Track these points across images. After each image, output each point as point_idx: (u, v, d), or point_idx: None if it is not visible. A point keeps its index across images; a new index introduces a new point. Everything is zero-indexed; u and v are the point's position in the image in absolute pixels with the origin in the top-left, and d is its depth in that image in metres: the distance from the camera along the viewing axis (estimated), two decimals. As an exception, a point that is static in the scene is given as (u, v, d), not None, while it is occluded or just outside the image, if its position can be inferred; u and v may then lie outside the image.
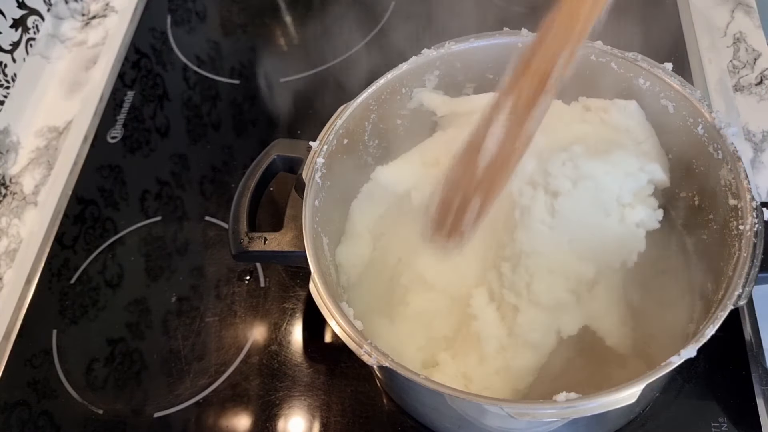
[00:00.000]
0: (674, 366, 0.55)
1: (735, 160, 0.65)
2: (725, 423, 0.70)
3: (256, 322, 0.86)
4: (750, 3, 1.06)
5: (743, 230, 0.62)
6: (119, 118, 1.11)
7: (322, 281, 0.64)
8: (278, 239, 0.71)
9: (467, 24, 0.86)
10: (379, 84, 0.77)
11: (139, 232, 0.97)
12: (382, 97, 0.78)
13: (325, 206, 0.73)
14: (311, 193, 0.70)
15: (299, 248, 0.68)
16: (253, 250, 0.71)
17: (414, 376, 0.57)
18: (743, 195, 0.63)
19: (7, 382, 0.86)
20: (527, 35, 0.76)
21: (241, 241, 0.72)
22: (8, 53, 1.12)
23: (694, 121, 0.70)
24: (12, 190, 1.06)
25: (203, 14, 1.26)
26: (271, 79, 1.12)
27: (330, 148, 0.73)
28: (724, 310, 0.57)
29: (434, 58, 0.79)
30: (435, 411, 0.70)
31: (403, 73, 0.78)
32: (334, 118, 0.75)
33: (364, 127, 0.78)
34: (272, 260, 0.85)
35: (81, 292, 0.93)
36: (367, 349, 0.59)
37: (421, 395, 0.67)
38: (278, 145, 0.78)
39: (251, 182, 0.75)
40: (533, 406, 0.55)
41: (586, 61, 0.76)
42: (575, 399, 0.54)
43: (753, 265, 0.59)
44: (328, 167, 0.73)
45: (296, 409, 0.78)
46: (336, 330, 0.61)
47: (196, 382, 0.82)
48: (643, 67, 0.73)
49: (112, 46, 1.21)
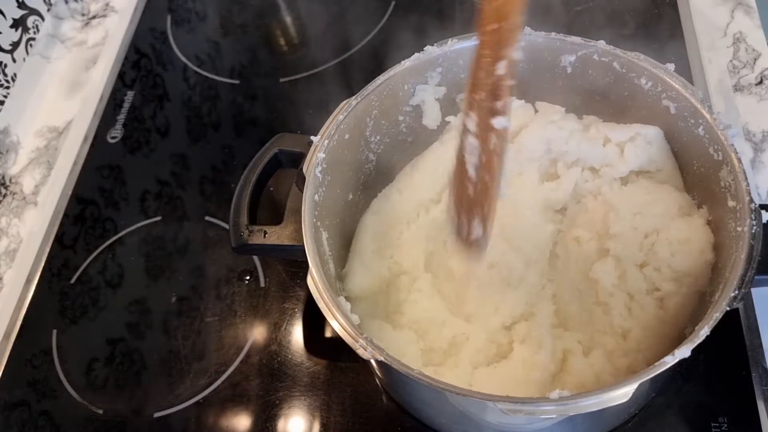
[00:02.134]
0: (668, 366, 0.55)
1: (735, 161, 0.65)
2: (725, 423, 0.70)
3: (256, 322, 0.86)
4: (750, 3, 1.06)
5: (741, 232, 0.62)
6: (119, 118, 1.11)
7: (320, 275, 0.64)
8: (278, 233, 0.71)
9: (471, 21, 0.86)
10: (382, 80, 0.77)
11: (139, 232, 0.97)
12: (384, 93, 0.78)
13: (326, 201, 0.73)
14: (311, 187, 0.70)
15: (298, 242, 0.68)
16: (253, 243, 0.72)
17: (408, 370, 0.57)
18: (742, 197, 0.63)
19: (7, 382, 0.86)
20: (529, 33, 0.76)
21: (242, 234, 0.72)
22: (8, 53, 1.12)
23: (695, 122, 0.70)
24: (12, 190, 1.06)
25: (203, 14, 1.26)
26: (271, 79, 1.12)
27: (331, 143, 0.73)
28: (719, 311, 0.57)
29: (437, 55, 0.79)
30: (431, 407, 0.71)
31: (405, 69, 0.78)
32: (336, 113, 0.75)
33: (365, 122, 0.78)
34: (272, 253, 0.85)
35: (81, 292, 0.93)
36: (363, 342, 0.59)
37: (417, 391, 0.67)
38: (280, 139, 0.78)
39: (252, 176, 0.75)
40: (525, 403, 0.55)
41: (589, 61, 0.76)
42: (568, 397, 0.54)
43: (750, 267, 0.59)
44: (329, 162, 0.73)
45: (296, 409, 0.78)
46: (332, 323, 0.61)
47: (196, 382, 0.82)
48: (646, 67, 0.73)
49: (112, 46, 1.21)
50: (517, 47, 0.55)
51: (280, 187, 0.90)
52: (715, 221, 0.69)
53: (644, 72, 0.73)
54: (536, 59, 0.78)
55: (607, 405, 0.54)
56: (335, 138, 0.74)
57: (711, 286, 0.66)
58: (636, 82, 0.74)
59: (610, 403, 0.54)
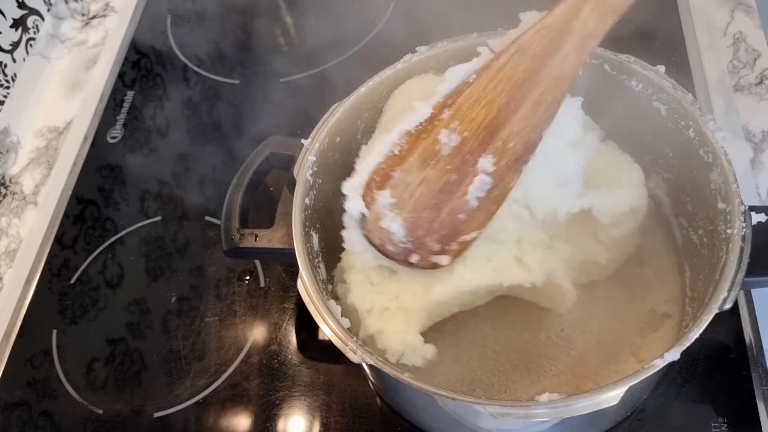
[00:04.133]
0: (658, 368, 0.55)
1: (725, 164, 0.65)
2: (725, 423, 0.70)
3: (256, 322, 0.86)
4: (750, 3, 1.06)
5: (731, 234, 0.61)
6: (119, 118, 1.11)
7: (310, 279, 0.64)
8: (269, 236, 0.72)
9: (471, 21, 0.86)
10: (372, 83, 0.77)
11: (139, 232, 0.97)
12: (375, 96, 0.78)
13: (317, 204, 0.72)
14: (302, 190, 0.70)
15: (289, 245, 0.68)
16: (244, 246, 0.72)
17: (398, 374, 0.57)
18: (732, 199, 0.63)
19: (7, 382, 0.86)
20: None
21: (233, 237, 0.72)
22: (8, 53, 1.12)
23: (686, 124, 0.70)
24: (12, 190, 1.06)
25: (203, 14, 1.26)
26: (271, 79, 1.12)
27: (322, 147, 0.73)
28: (709, 313, 0.57)
29: (428, 57, 0.78)
30: (423, 411, 0.71)
31: (396, 72, 0.78)
32: (327, 117, 0.75)
33: (357, 126, 0.78)
34: (263, 257, 0.86)
35: (81, 292, 0.93)
36: (353, 346, 0.59)
37: (408, 394, 0.67)
38: (272, 142, 0.78)
39: (244, 179, 0.76)
40: (515, 407, 0.55)
41: None
42: (557, 400, 0.54)
43: (739, 269, 0.59)
44: (320, 165, 0.73)
45: (296, 409, 0.78)
46: (322, 327, 0.61)
47: (196, 382, 0.82)
48: (636, 69, 0.72)
49: (112, 46, 1.21)
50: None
51: (277, 184, 0.90)
52: (705, 224, 0.69)
53: (635, 74, 0.73)
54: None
55: (597, 408, 0.54)
56: (326, 141, 0.74)
57: (702, 288, 0.66)
58: (626, 84, 0.74)
59: (600, 406, 0.54)
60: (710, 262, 0.65)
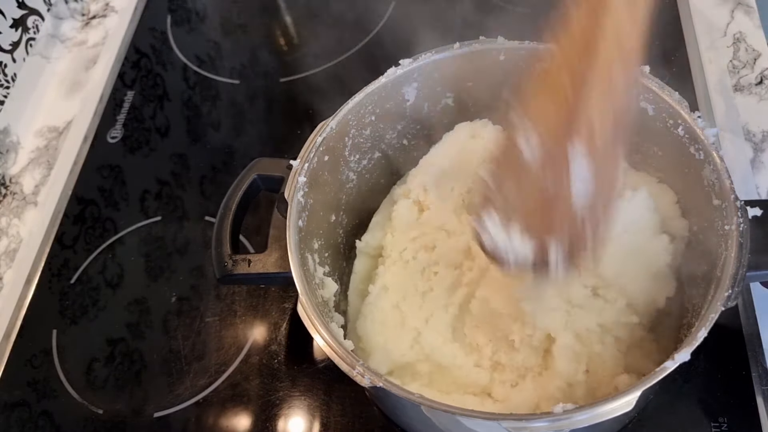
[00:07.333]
0: (669, 371, 0.55)
1: (717, 160, 0.65)
2: (725, 423, 0.70)
3: (256, 322, 0.86)
4: (750, 3, 1.06)
5: (729, 230, 0.61)
6: (119, 118, 1.11)
7: (310, 304, 0.63)
8: (263, 261, 0.70)
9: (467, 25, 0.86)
10: (357, 99, 0.76)
11: (139, 232, 0.97)
12: (360, 112, 0.77)
13: (309, 225, 0.72)
14: (294, 213, 0.69)
15: (284, 269, 0.66)
16: (237, 273, 0.70)
17: (409, 395, 0.56)
18: (726, 195, 0.63)
19: (7, 382, 0.86)
20: (503, 43, 0.76)
21: (225, 264, 0.70)
22: (8, 53, 1.12)
23: (674, 123, 0.69)
24: (12, 190, 1.06)
25: (203, 14, 1.26)
26: (271, 79, 1.12)
27: (311, 166, 0.72)
28: (715, 312, 0.57)
29: (412, 69, 0.77)
30: (430, 428, 0.70)
31: (380, 87, 0.77)
32: (314, 136, 0.74)
33: (344, 142, 0.77)
34: (258, 282, 0.83)
35: (81, 292, 0.93)
36: (360, 370, 0.59)
37: (411, 411, 0.66)
38: (258, 164, 0.76)
39: (232, 203, 0.74)
40: (529, 420, 0.54)
41: None
42: (572, 410, 0.54)
43: (740, 265, 0.59)
44: (311, 185, 0.72)
45: (296, 409, 0.78)
46: (327, 352, 0.60)
47: (196, 382, 0.82)
48: None
49: (112, 46, 1.21)
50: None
51: (265, 203, 0.88)
52: (702, 222, 0.68)
53: None
54: (518, 67, 0.76)
55: (612, 416, 0.53)
56: (314, 161, 0.72)
57: (703, 287, 0.66)
58: None
59: (614, 414, 0.53)
60: (709, 259, 0.65)
